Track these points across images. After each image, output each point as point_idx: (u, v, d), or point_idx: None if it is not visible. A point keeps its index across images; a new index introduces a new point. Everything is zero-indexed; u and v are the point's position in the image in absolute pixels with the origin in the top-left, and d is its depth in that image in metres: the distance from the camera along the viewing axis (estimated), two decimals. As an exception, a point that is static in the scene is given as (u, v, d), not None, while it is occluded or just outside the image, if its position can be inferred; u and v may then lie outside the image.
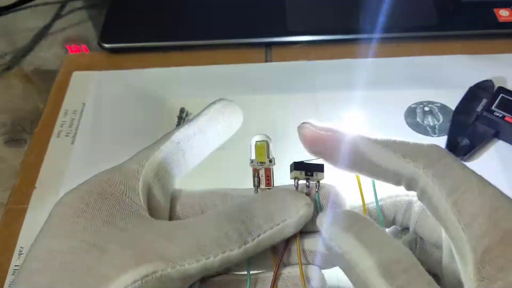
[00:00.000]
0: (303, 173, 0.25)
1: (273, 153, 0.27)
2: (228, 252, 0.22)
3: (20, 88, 0.50)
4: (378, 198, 0.26)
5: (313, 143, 0.25)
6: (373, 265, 0.21)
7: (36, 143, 0.43)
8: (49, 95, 0.48)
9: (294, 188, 0.26)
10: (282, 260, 0.25)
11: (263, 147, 0.26)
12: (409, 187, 0.24)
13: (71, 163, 0.42)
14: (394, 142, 0.24)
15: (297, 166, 0.25)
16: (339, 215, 0.23)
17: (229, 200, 0.26)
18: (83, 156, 0.42)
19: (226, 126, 0.28)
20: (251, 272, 0.25)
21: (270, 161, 0.26)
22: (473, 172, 0.22)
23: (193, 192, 0.28)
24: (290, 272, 0.25)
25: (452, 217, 0.21)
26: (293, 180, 0.26)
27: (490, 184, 0.22)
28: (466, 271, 0.20)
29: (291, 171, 0.26)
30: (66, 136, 0.44)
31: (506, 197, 0.21)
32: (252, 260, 0.25)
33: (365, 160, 0.24)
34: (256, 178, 0.26)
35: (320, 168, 0.26)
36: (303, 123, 0.26)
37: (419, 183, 0.23)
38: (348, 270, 0.22)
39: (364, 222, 0.23)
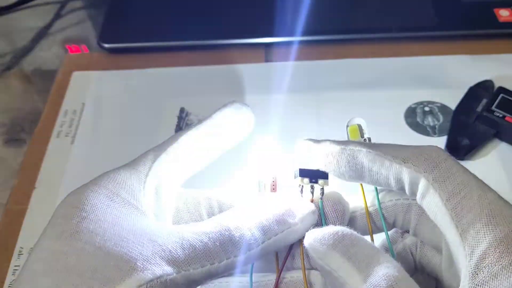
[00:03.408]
0: (308, 179, 0.26)
1: (274, 154, 0.27)
2: (233, 258, 0.22)
3: (20, 88, 0.50)
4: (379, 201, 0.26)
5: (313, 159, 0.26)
6: (361, 283, 0.21)
7: (36, 143, 0.43)
8: (49, 95, 0.48)
9: (299, 194, 0.26)
10: (285, 265, 0.25)
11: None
12: (412, 192, 0.24)
13: (71, 163, 0.42)
14: (393, 147, 0.24)
15: (302, 173, 0.26)
16: (325, 232, 0.23)
17: (235, 203, 0.27)
18: (83, 156, 0.42)
19: (236, 130, 0.28)
20: (253, 275, 0.25)
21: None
22: (473, 176, 0.22)
23: (198, 193, 0.27)
24: (293, 276, 0.25)
25: (451, 222, 0.21)
26: (297, 186, 0.26)
27: (490, 189, 0.22)
28: (462, 276, 0.20)
29: (295, 177, 0.26)
30: (66, 136, 0.44)
31: (505, 203, 0.21)
32: (255, 263, 0.25)
33: (365, 170, 0.24)
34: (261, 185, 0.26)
35: (324, 175, 0.26)
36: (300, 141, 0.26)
37: (420, 186, 0.23)
38: (338, 287, 0.22)
39: (351, 238, 0.23)
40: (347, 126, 0.27)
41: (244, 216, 0.23)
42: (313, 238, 0.23)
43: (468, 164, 0.40)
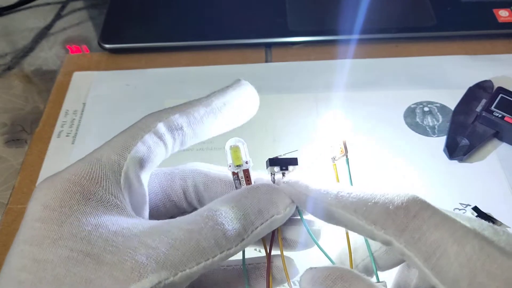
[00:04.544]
0: (278, 167, 0.26)
1: (273, 152, 0.27)
2: (226, 251, 0.22)
3: (21, 88, 0.50)
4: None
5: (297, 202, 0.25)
6: None
7: (37, 143, 0.44)
8: (49, 95, 0.48)
9: (275, 183, 0.26)
10: (268, 248, 0.26)
11: (238, 151, 0.26)
12: (386, 246, 0.23)
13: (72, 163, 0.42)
14: (363, 201, 0.22)
15: (272, 162, 0.26)
16: (320, 275, 0.23)
17: (210, 183, 0.27)
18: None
19: (228, 121, 0.27)
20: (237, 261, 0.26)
21: (246, 162, 0.26)
22: (448, 227, 0.20)
23: (173, 172, 0.27)
24: (272, 261, 0.26)
25: (435, 280, 0.20)
26: (269, 174, 0.27)
27: (469, 238, 0.20)
28: None
29: (267, 167, 0.27)
30: (67, 136, 0.44)
31: (488, 253, 0.19)
32: None
33: (341, 223, 0.24)
34: (236, 181, 0.26)
35: (294, 161, 0.27)
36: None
37: (394, 248, 0.22)
38: None
39: (345, 279, 0.22)
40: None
41: (232, 208, 0.23)
42: (308, 281, 0.23)
43: (468, 165, 0.40)
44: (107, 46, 0.51)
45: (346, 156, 0.27)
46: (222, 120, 0.27)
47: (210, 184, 0.27)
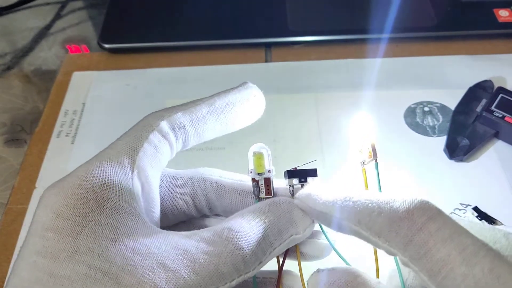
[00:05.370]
0: (297, 180, 0.25)
1: (273, 152, 0.27)
2: (244, 275, 0.22)
3: (20, 88, 0.50)
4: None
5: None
6: None
7: (36, 143, 0.44)
8: (49, 95, 0.48)
9: (290, 195, 0.25)
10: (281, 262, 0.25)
11: (261, 158, 0.26)
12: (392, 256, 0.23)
13: (71, 163, 0.42)
14: (367, 211, 0.21)
15: (291, 174, 0.25)
16: (326, 278, 0.23)
17: (224, 192, 0.26)
18: (83, 156, 0.41)
19: (231, 122, 0.27)
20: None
21: (269, 171, 0.26)
22: (457, 243, 0.19)
23: (182, 178, 0.27)
24: (283, 276, 0.25)
25: None
26: (287, 187, 0.26)
27: (479, 256, 0.19)
28: None
29: (285, 178, 0.26)
30: (66, 136, 0.44)
31: (496, 275, 0.18)
32: None
33: (351, 234, 0.23)
34: (255, 188, 0.25)
35: (313, 173, 0.26)
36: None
37: (399, 259, 0.21)
38: None
39: (359, 285, 0.22)
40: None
41: (252, 229, 0.22)
42: (320, 281, 0.23)
43: (468, 165, 0.40)
44: (106, 46, 0.51)
45: (376, 161, 0.26)
46: (225, 120, 0.26)
47: (223, 193, 0.26)
